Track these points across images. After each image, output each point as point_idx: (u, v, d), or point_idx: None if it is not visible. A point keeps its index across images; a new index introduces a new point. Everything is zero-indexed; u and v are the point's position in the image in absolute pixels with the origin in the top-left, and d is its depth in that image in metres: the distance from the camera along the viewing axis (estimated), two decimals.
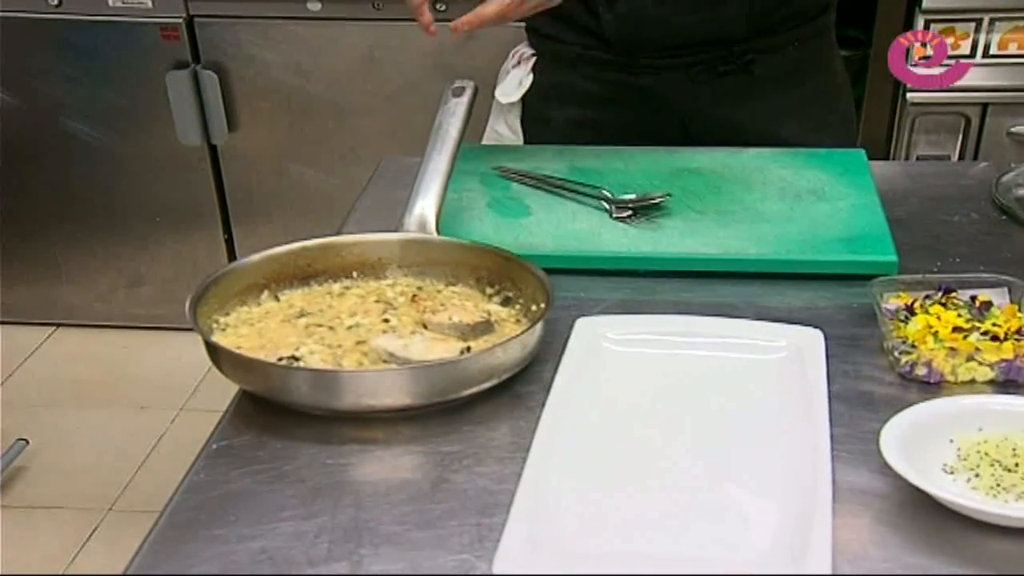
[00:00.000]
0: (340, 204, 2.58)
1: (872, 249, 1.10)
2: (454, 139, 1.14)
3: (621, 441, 0.87)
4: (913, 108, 2.13)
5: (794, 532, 0.75)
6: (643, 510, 0.79)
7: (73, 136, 2.55)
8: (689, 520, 0.78)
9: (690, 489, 0.81)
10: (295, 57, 2.43)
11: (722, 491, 0.81)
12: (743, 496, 0.80)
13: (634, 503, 0.80)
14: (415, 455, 0.88)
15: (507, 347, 0.90)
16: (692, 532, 0.77)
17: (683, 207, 1.19)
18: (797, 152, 1.32)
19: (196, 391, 2.55)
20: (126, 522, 2.18)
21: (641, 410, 0.90)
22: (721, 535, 0.76)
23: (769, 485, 0.81)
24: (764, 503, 0.79)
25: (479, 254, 1.05)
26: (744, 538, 0.76)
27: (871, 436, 0.83)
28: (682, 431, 0.87)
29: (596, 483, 0.82)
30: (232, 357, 0.91)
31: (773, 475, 0.82)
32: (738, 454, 0.85)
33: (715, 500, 0.80)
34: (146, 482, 2.29)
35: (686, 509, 0.79)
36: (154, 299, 2.73)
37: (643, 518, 0.78)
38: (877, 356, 0.97)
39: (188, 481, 0.85)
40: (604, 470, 0.83)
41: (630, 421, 0.89)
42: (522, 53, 1.45)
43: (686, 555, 0.75)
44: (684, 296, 1.07)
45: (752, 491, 0.81)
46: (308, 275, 1.05)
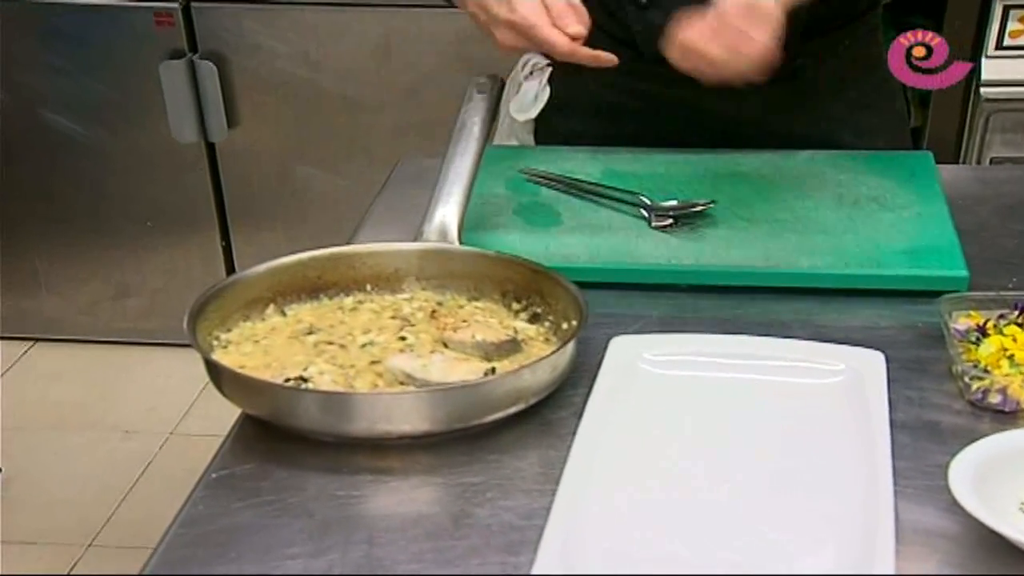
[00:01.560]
0: (351, 209, 2.60)
1: (940, 263, 1.11)
2: (478, 139, 1.15)
3: (660, 473, 0.87)
4: (987, 105, 2.12)
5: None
6: (683, 551, 0.79)
7: (56, 132, 2.58)
8: (735, 563, 0.78)
9: (736, 529, 0.81)
10: (303, 46, 2.45)
11: (772, 532, 0.81)
12: (795, 537, 0.80)
13: (673, 543, 0.80)
14: (434, 487, 0.89)
15: (535, 369, 0.91)
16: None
17: (729, 215, 1.20)
18: (856, 155, 1.32)
19: (188, 414, 2.57)
20: (108, 559, 2.20)
21: (682, 439, 0.91)
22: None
23: (824, 525, 0.81)
24: (819, 545, 0.80)
25: (505, 266, 1.06)
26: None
27: (938, 471, 0.83)
28: (727, 464, 0.88)
29: (632, 519, 0.82)
30: (235, 377, 0.93)
31: (829, 514, 0.82)
32: (790, 490, 0.85)
33: (764, 542, 0.80)
34: (131, 515, 2.30)
35: (732, 551, 0.79)
36: (143, 312, 2.75)
37: (683, 560, 0.79)
38: (945, 382, 0.97)
39: (184, 514, 0.86)
40: (641, 505, 0.84)
41: (670, 451, 0.89)
42: (535, 63, 1.44)
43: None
44: (730, 313, 1.08)
45: (805, 532, 0.81)
46: (318, 288, 1.06)
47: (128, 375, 2.73)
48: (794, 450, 0.89)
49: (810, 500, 0.84)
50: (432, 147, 2.04)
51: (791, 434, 0.91)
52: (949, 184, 1.26)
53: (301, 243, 1.11)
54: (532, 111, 1.41)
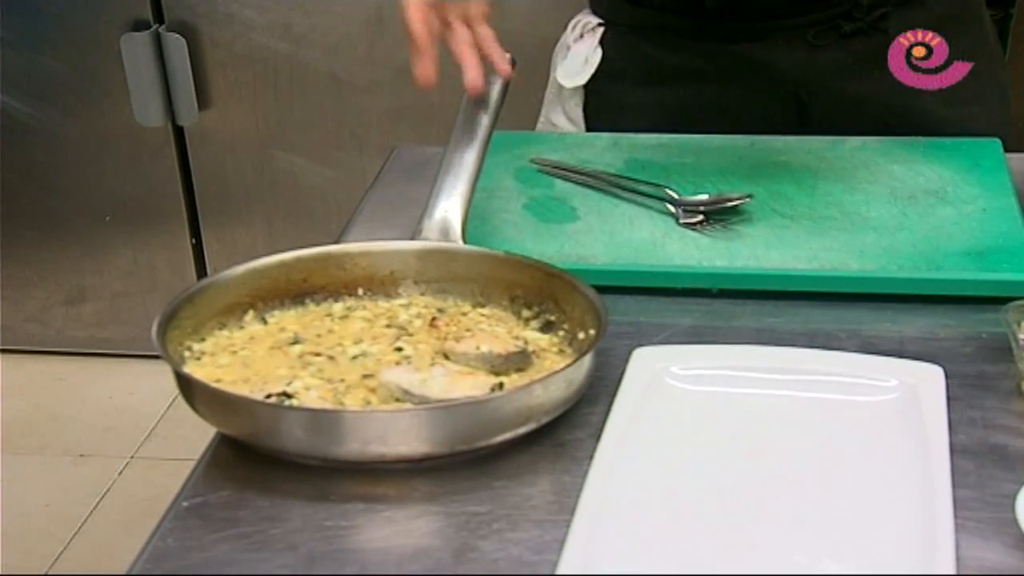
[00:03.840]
0: (339, 203, 2.61)
1: (1007, 265, 1.11)
2: (484, 127, 1.16)
3: (688, 501, 0.88)
4: None
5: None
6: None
7: (2, 114, 2.58)
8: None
9: (776, 564, 0.82)
10: (283, 17, 2.46)
11: (817, 567, 0.81)
12: (843, 574, 0.81)
13: None
14: (434, 517, 0.89)
15: (548, 384, 0.92)
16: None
17: (767, 211, 1.21)
18: (914, 142, 1.33)
19: (151, 434, 2.57)
20: None
21: (712, 465, 0.91)
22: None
23: (875, 560, 0.82)
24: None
25: (514, 268, 1.06)
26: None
27: (1005, 501, 0.84)
28: (764, 493, 0.88)
29: (656, 554, 0.83)
30: (209, 393, 0.93)
31: (880, 547, 0.83)
32: (836, 521, 0.85)
33: (805, 572, 0.81)
34: (85, 549, 2.30)
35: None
36: (101, 319, 2.76)
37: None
38: (1013, 400, 0.98)
39: (151, 548, 0.86)
40: (667, 537, 0.84)
41: (699, 478, 0.90)
42: (585, 23, 1.45)
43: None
44: (768, 322, 1.08)
45: (854, 567, 0.82)
46: (303, 292, 1.07)
47: (83, 390, 2.74)
48: (841, 477, 0.90)
49: (860, 534, 0.84)
50: (431, 134, 2.06)
51: (837, 459, 0.91)
52: (1019, 174, 1.27)
53: (282, 242, 1.12)
54: (581, 77, 1.41)
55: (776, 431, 0.95)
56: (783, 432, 0.95)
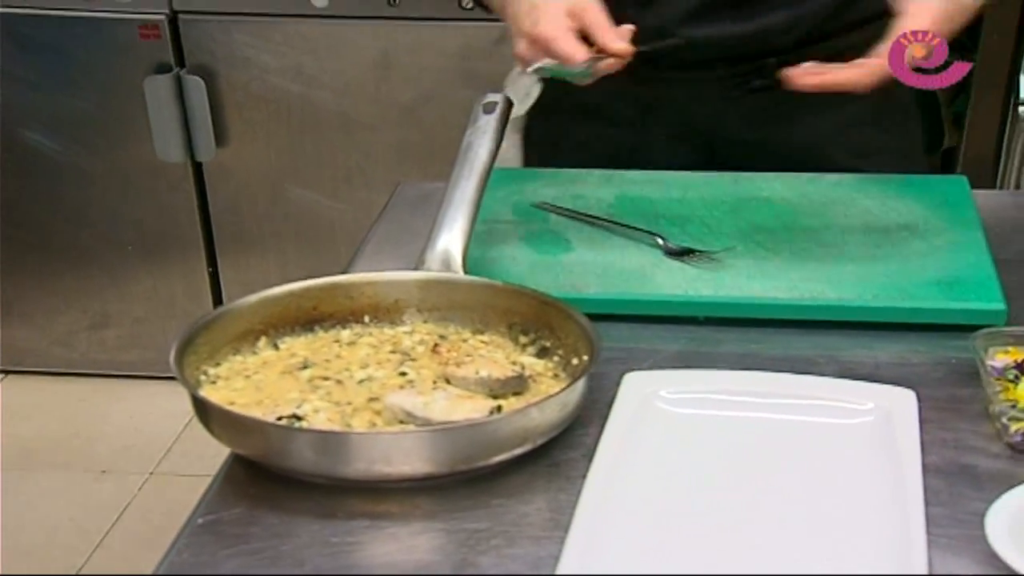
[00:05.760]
0: (347, 235, 2.62)
1: (975, 295, 1.11)
2: (484, 163, 1.16)
3: (676, 520, 0.87)
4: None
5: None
6: None
7: (31, 150, 2.59)
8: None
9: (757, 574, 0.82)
10: (296, 60, 2.47)
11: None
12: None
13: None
14: (435, 533, 0.89)
15: (544, 407, 0.92)
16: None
17: (750, 243, 1.21)
18: (887, 179, 1.33)
19: (170, 452, 2.57)
20: None
21: (699, 483, 0.91)
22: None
23: (853, 574, 0.82)
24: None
25: (512, 297, 1.06)
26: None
27: (975, 519, 0.83)
28: (747, 511, 0.88)
29: (648, 567, 0.83)
30: (224, 416, 0.93)
31: (857, 565, 0.82)
32: (815, 539, 0.85)
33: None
34: (106, 563, 2.29)
35: None
36: (122, 343, 2.76)
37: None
38: (982, 422, 0.97)
39: (168, 562, 0.86)
40: (657, 553, 0.84)
41: (687, 496, 0.90)
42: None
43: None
44: (751, 348, 1.08)
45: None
46: (313, 320, 1.07)
47: (105, 410, 2.73)
48: (819, 496, 0.89)
49: (837, 550, 0.84)
50: (434, 169, 2.06)
51: (816, 478, 0.91)
52: (985, 210, 1.27)
53: (294, 271, 1.12)
54: (521, 108, 1.42)
55: (759, 452, 0.94)
56: (765, 452, 0.94)
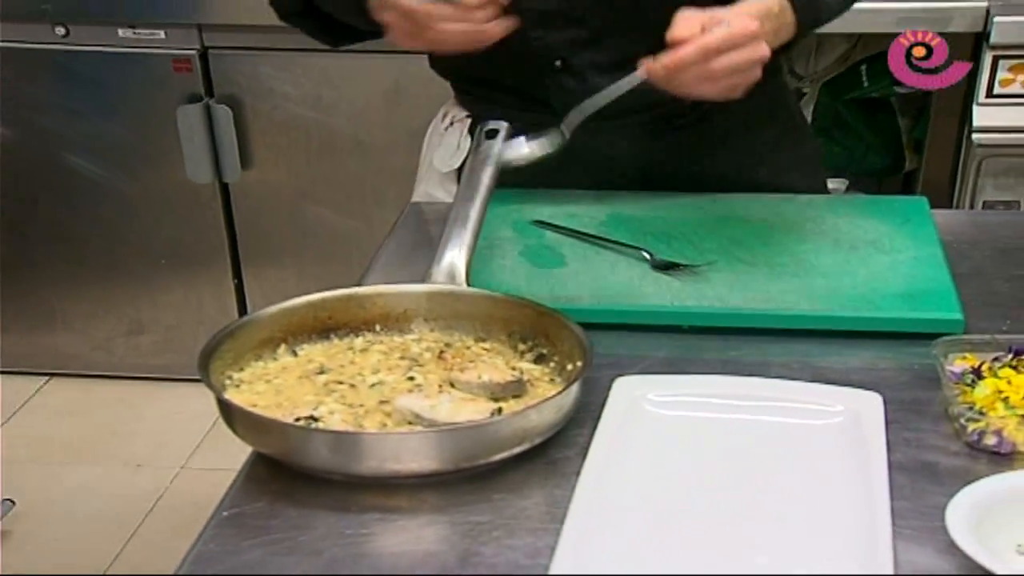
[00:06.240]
0: (360, 248, 2.61)
1: (935, 306, 1.11)
2: (486, 185, 1.15)
3: (663, 512, 0.87)
4: (980, 150, 2.13)
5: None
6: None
7: (74, 172, 2.59)
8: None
9: (736, 566, 0.81)
10: (315, 90, 2.47)
11: (772, 567, 0.81)
12: (795, 574, 0.80)
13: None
14: (441, 525, 0.88)
15: (541, 409, 0.91)
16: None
17: (731, 258, 1.20)
18: (854, 199, 1.33)
19: (199, 448, 2.56)
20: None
21: (685, 478, 0.91)
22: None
23: (824, 562, 0.81)
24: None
25: (511, 307, 1.06)
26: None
27: (936, 512, 0.83)
28: (729, 502, 0.88)
29: (636, 557, 0.82)
30: (247, 417, 0.92)
31: (828, 554, 0.82)
32: (789, 530, 0.85)
33: None
34: (140, 550, 2.28)
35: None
36: (155, 348, 2.75)
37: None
38: (942, 423, 0.97)
39: (196, 552, 0.85)
40: (645, 543, 0.83)
41: (673, 490, 0.89)
42: (454, 114, 1.45)
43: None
44: (732, 355, 1.07)
45: (806, 569, 0.81)
46: (328, 328, 1.06)
47: (140, 409, 2.72)
48: (794, 490, 0.89)
49: (810, 540, 0.84)
50: None
51: (791, 474, 0.91)
52: (944, 228, 1.26)
53: (312, 282, 1.11)
54: (455, 161, 1.41)
55: (739, 450, 0.94)
56: (745, 451, 0.94)
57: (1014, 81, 2.09)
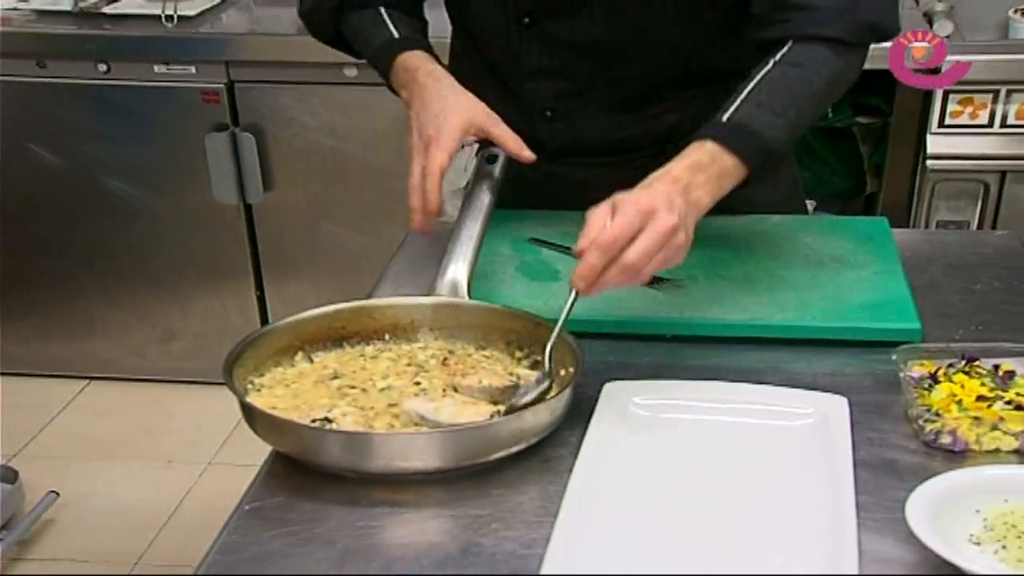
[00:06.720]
0: (371, 262, 2.60)
1: (895, 316, 1.10)
2: (486, 206, 1.15)
3: (648, 506, 0.86)
4: (933, 175, 2.13)
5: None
6: (670, 574, 0.78)
7: (111, 194, 2.58)
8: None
9: (716, 552, 0.81)
10: (330, 120, 2.46)
11: (748, 556, 0.80)
12: (768, 563, 0.79)
13: (659, 568, 0.79)
14: (444, 518, 0.87)
15: (536, 411, 0.91)
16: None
17: (710, 273, 1.19)
18: (821, 219, 1.32)
19: (224, 445, 2.55)
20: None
21: (669, 475, 0.90)
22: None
23: (795, 552, 0.80)
24: (789, 570, 0.79)
25: (510, 318, 1.05)
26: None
27: (897, 505, 0.82)
28: (709, 496, 0.87)
29: (623, 548, 0.81)
30: (266, 419, 0.92)
31: (799, 543, 0.81)
32: (764, 521, 0.84)
33: (739, 565, 0.79)
34: (171, 538, 2.27)
35: (711, 569, 0.79)
36: (185, 354, 2.74)
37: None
38: (902, 423, 0.96)
39: (221, 542, 0.85)
40: (631, 535, 0.83)
41: (658, 486, 0.89)
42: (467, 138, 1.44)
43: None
44: (711, 362, 1.07)
45: (778, 556, 0.80)
46: (342, 337, 1.06)
47: (171, 410, 2.71)
48: (768, 485, 0.88)
49: (782, 530, 0.83)
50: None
51: (765, 471, 0.90)
52: (902, 245, 1.26)
53: (327, 294, 1.10)
54: (461, 181, 1.40)
55: (718, 449, 0.93)
56: (723, 449, 0.93)
57: (963, 113, 2.09)
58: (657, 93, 1.28)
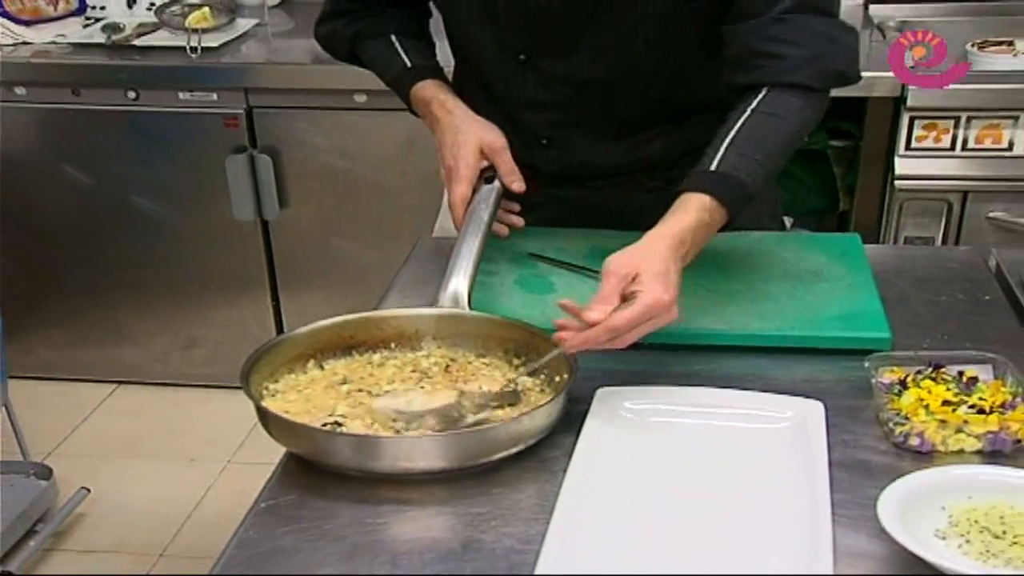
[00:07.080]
0: (379, 275, 2.60)
1: (868, 326, 1.10)
2: (486, 222, 1.15)
3: (637, 505, 0.86)
4: (900, 194, 2.13)
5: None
6: (656, 569, 0.78)
7: (138, 211, 2.58)
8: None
9: (700, 547, 0.80)
10: (342, 142, 2.46)
11: (730, 551, 0.80)
12: (749, 557, 0.79)
13: (648, 562, 0.79)
14: (447, 515, 0.87)
15: (533, 415, 0.90)
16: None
17: (694, 285, 1.18)
18: (799, 235, 1.32)
19: (242, 445, 2.54)
20: (176, 567, 2.16)
21: (657, 475, 0.90)
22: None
23: (774, 547, 0.80)
24: (769, 563, 0.78)
25: (508, 328, 1.05)
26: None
27: (869, 502, 0.82)
28: (694, 494, 0.87)
29: (614, 544, 0.81)
30: (280, 422, 0.91)
31: (778, 538, 0.81)
32: (745, 517, 0.84)
33: (722, 559, 0.79)
34: (193, 531, 2.27)
35: (695, 566, 0.78)
36: (206, 360, 2.74)
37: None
38: (873, 426, 0.96)
39: (238, 537, 0.84)
40: (621, 531, 0.83)
41: (646, 485, 0.88)
42: None
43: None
44: (695, 368, 1.06)
45: (758, 552, 0.80)
46: (351, 345, 1.05)
47: (194, 412, 2.70)
48: (748, 484, 0.88)
49: (762, 526, 0.83)
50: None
51: (746, 471, 0.90)
52: (873, 260, 1.26)
53: (338, 305, 1.10)
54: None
55: (702, 450, 0.93)
56: (708, 451, 0.93)
57: (927, 137, 2.09)
58: (645, 123, 1.29)
